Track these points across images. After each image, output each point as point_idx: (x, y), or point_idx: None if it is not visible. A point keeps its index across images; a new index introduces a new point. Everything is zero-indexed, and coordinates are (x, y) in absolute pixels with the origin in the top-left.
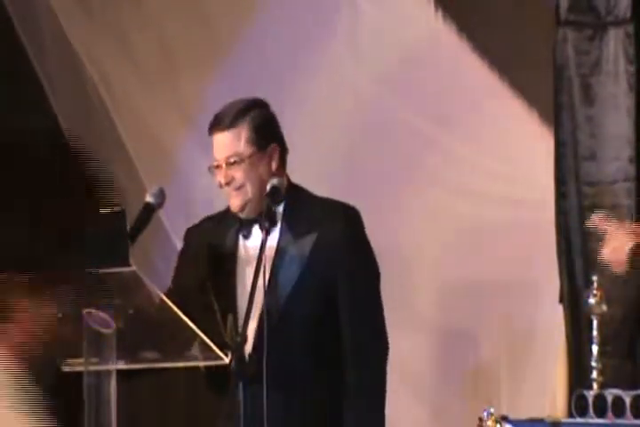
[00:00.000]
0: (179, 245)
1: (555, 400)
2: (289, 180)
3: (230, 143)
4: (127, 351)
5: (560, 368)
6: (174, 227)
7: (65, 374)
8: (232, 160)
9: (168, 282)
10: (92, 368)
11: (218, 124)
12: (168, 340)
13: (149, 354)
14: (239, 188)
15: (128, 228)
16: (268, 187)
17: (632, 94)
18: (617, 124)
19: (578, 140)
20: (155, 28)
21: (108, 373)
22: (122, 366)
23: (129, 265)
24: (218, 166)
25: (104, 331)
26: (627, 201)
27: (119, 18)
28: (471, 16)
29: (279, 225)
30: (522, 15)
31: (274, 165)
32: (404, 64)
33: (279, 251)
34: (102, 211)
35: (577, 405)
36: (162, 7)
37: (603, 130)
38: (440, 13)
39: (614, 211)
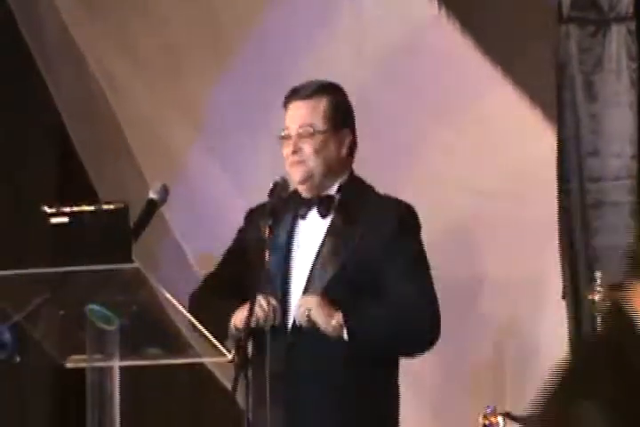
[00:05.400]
0: (183, 244)
1: None
2: (352, 171)
3: (307, 113)
4: (130, 348)
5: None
6: (179, 226)
7: (67, 370)
8: (303, 130)
9: (172, 279)
10: (96, 365)
11: (297, 93)
12: (172, 336)
13: (152, 350)
14: (302, 162)
15: (131, 224)
16: (271, 183)
17: (634, 91)
18: (620, 120)
19: (580, 136)
20: (160, 29)
21: (111, 369)
22: (125, 362)
23: (132, 262)
24: (287, 136)
25: (107, 328)
26: (629, 198)
27: (124, 19)
28: (474, 13)
29: (332, 212)
30: (525, 12)
31: (343, 152)
32: (407, 61)
33: (327, 236)
34: (105, 207)
35: None
36: (167, 9)
37: (605, 127)
38: (443, 10)
39: (616, 208)
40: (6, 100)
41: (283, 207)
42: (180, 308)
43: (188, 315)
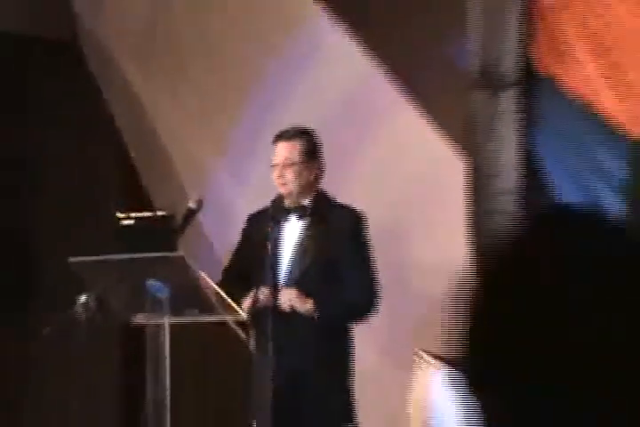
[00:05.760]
0: (213, 241)
1: None
2: (319, 189)
3: (288, 151)
4: (176, 310)
5: None
6: (209, 228)
7: (132, 327)
8: (286, 162)
9: (205, 265)
10: (152, 322)
11: (282, 136)
12: (204, 302)
13: (191, 312)
14: (286, 184)
15: (178, 225)
16: (274, 197)
17: (518, 136)
18: (508, 155)
19: (482, 165)
20: (198, 88)
21: (163, 325)
22: (172, 320)
23: (177, 251)
24: (276, 165)
25: (160, 295)
26: (512, 207)
27: (174, 80)
28: (408, 72)
29: (306, 217)
30: (446, 75)
31: (312, 177)
32: (359, 111)
33: (303, 234)
34: (159, 213)
35: None
36: (200, 75)
37: (496, 159)
38: (382, 71)
39: (504, 215)
40: (91, 142)
41: (277, 213)
42: (211, 282)
43: (217, 287)
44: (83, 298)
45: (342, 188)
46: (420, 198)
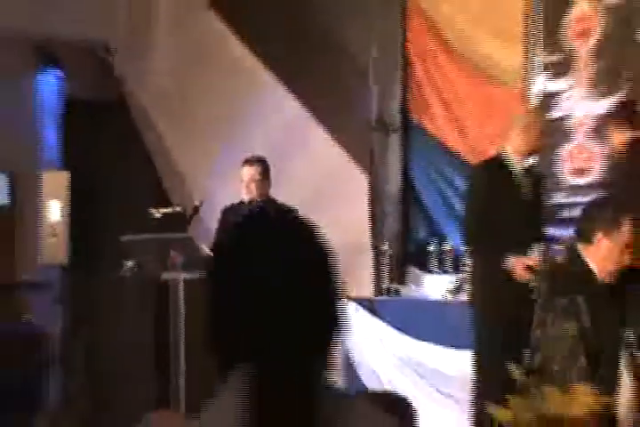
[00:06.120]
0: (210, 226)
1: None
2: (269, 195)
3: (253, 171)
4: (187, 269)
5: None
6: (205, 218)
7: (162, 281)
8: (251, 179)
9: (204, 242)
10: (172, 277)
11: (248, 161)
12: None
13: (198, 271)
14: (251, 193)
15: (187, 217)
16: (247, 199)
17: (400, 162)
18: (394, 174)
19: (378, 180)
20: (200, 132)
21: (179, 280)
22: (185, 275)
23: (187, 233)
24: (243, 181)
25: (177, 261)
26: (399, 209)
27: (185, 128)
28: (331, 121)
29: None
30: (359, 122)
31: (267, 188)
32: (290, 142)
33: None
34: (176, 209)
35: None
36: (203, 121)
37: (388, 176)
38: (306, 108)
39: (393, 214)
40: (137, 169)
41: (245, 209)
42: (208, 251)
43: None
44: (129, 263)
45: (281, 189)
46: (332, 201)
